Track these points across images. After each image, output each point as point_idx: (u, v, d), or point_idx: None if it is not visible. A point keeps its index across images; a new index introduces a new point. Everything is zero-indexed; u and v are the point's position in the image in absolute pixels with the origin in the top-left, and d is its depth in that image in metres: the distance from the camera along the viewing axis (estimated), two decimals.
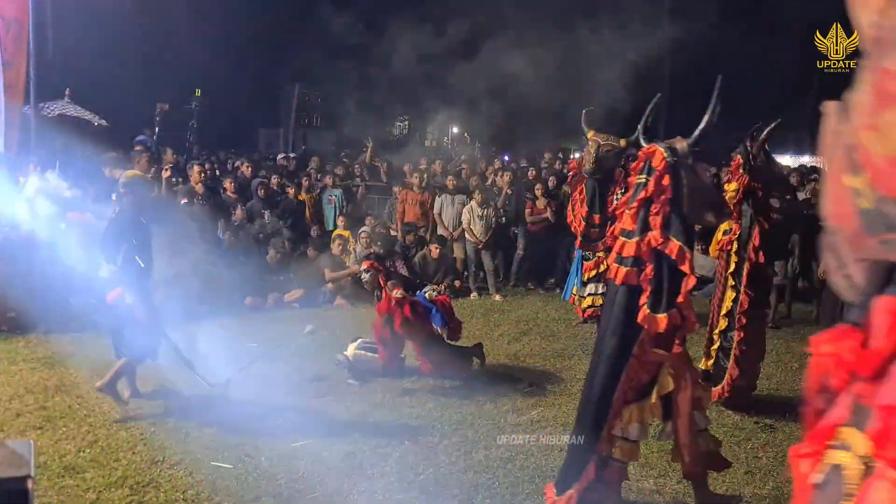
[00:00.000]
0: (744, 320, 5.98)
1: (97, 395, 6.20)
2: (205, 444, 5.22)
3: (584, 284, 9.01)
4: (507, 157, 16.18)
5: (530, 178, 12.54)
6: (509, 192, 12.22)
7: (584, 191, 8.87)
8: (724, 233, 6.16)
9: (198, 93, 14.70)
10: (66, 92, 12.97)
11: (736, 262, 6.04)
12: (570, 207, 9.18)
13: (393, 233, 12.04)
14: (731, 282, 6.07)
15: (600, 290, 8.84)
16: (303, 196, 12.06)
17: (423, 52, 13.19)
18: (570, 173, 9.51)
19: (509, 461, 5.04)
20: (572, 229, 9.05)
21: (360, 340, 7.05)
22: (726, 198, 6.09)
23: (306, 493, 4.52)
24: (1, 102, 9.22)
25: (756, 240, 5.92)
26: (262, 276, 10.15)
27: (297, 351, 7.82)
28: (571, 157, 17.81)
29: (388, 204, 12.83)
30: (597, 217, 8.76)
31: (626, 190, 8.77)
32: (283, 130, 24.46)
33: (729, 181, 6.27)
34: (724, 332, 6.16)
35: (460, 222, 11.57)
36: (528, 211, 11.78)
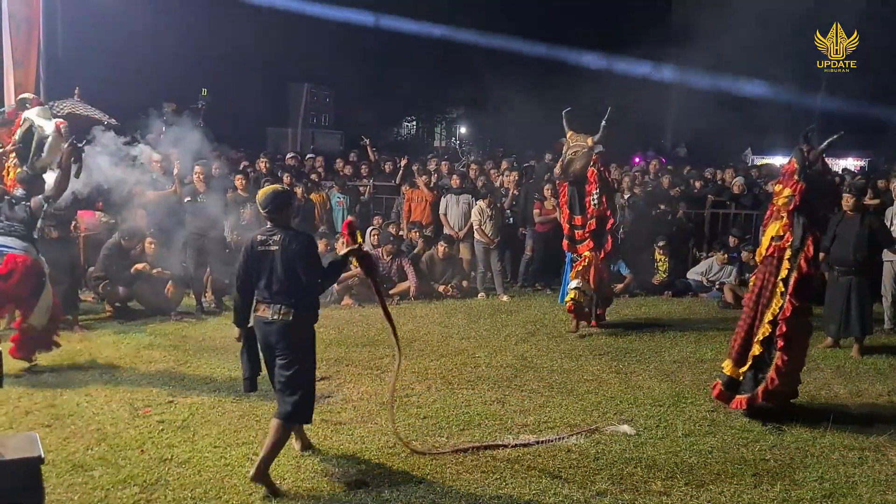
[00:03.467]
0: (784, 328, 5.82)
1: (105, 393, 6.25)
2: (212, 442, 5.23)
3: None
4: (513, 157, 16.14)
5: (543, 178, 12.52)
6: (516, 192, 12.22)
7: (567, 193, 8.90)
8: (773, 239, 5.99)
9: (204, 92, 14.74)
10: (76, 91, 13.00)
11: (787, 270, 5.87)
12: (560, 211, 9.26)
13: (400, 232, 12.04)
14: (780, 288, 5.91)
15: (574, 285, 8.80)
16: (313, 196, 12.07)
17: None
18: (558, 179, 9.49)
19: (516, 461, 5.03)
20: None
21: None
22: (779, 203, 5.99)
23: (314, 493, 4.52)
24: (11, 102, 9.27)
25: (809, 250, 5.78)
26: None
27: None
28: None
29: (395, 203, 12.85)
30: (577, 218, 8.77)
31: (602, 189, 8.65)
32: (292, 130, 24.52)
33: (780, 184, 6.13)
34: (766, 340, 5.94)
35: (466, 222, 11.57)
36: (536, 211, 11.76)
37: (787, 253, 5.91)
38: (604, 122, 8.67)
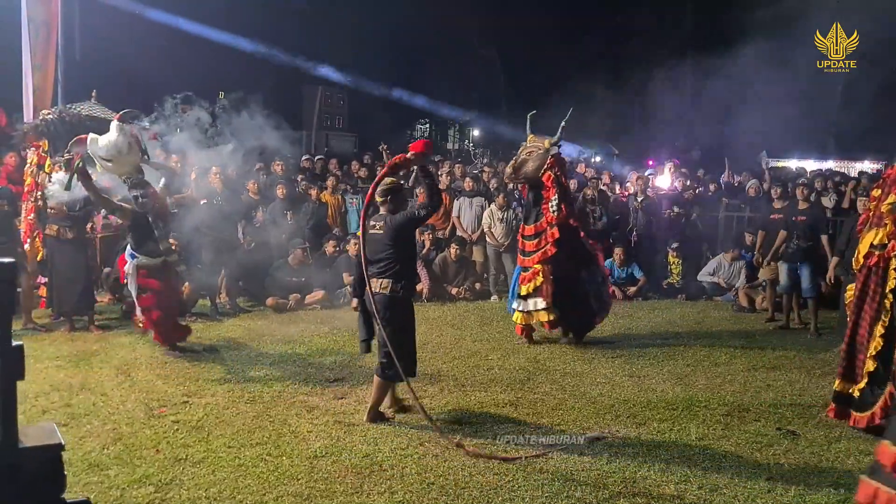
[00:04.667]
0: None
1: (121, 392, 6.30)
2: (227, 443, 5.26)
3: (524, 298, 8.28)
4: None
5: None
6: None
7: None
8: (875, 247, 5.74)
9: (221, 95, 14.77)
10: (93, 94, 13.11)
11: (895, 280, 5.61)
12: None
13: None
14: (889, 300, 5.62)
15: (541, 306, 8.14)
16: (326, 197, 12.12)
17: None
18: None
19: (529, 464, 5.03)
20: None
21: None
22: (882, 210, 5.70)
23: (326, 493, 4.54)
24: (30, 105, 9.37)
25: None
26: (284, 277, 10.23)
27: (317, 352, 7.87)
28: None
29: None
30: (529, 227, 8.20)
31: (560, 196, 8.03)
32: (306, 132, 24.62)
33: (879, 189, 5.91)
34: (880, 354, 5.64)
35: (479, 224, 11.58)
36: None
37: (894, 262, 5.61)
38: (563, 124, 8.17)
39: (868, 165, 21.70)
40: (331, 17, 20.81)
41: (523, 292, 8.28)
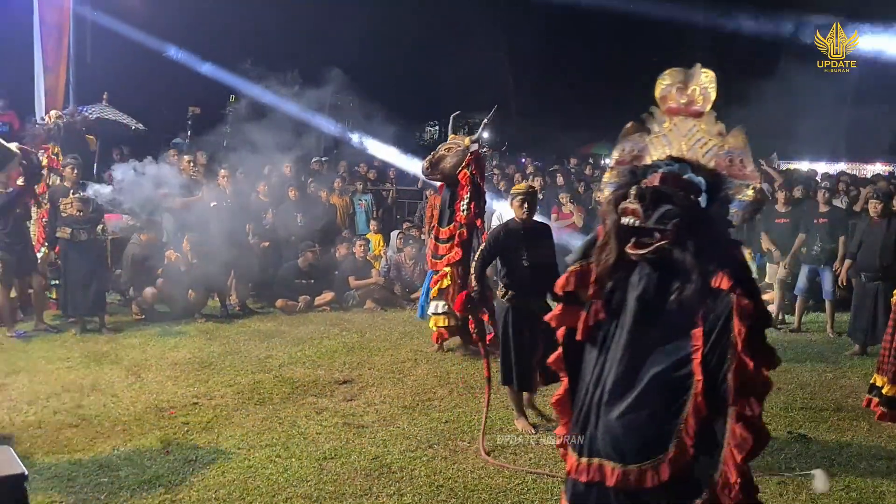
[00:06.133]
0: None
1: (131, 394, 6.32)
2: (236, 444, 5.28)
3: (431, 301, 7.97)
4: (537, 163, 16.18)
5: (559, 183, 12.57)
6: (541, 196, 12.20)
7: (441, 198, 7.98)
8: None
9: (233, 98, 14.83)
10: (104, 96, 13.18)
11: None
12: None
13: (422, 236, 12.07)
14: None
15: (442, 309, 7.74)
16: (334, 199, 12.14)
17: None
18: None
19: (538, 466, 5.02)
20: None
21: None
22: None
23: (335, 495, 4.54)
24: (42, 106, 9.45)
25: None
26: (293, 279, 10.25)
27: (326, 353, 7.88)
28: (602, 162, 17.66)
29: (418, 207, 12.89)
30: (443, 230, 7.72)
31: (472, 195, 7.51)
32: (315, 134, 24.65)
33: None
34: None
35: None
36: (554, 216, 11.71)
37: None
38: (485, 121, 7.84)
39: (880, 167, 21.53)
40: (337, 20, 20.81)
41: (433, 294, 7.88)
